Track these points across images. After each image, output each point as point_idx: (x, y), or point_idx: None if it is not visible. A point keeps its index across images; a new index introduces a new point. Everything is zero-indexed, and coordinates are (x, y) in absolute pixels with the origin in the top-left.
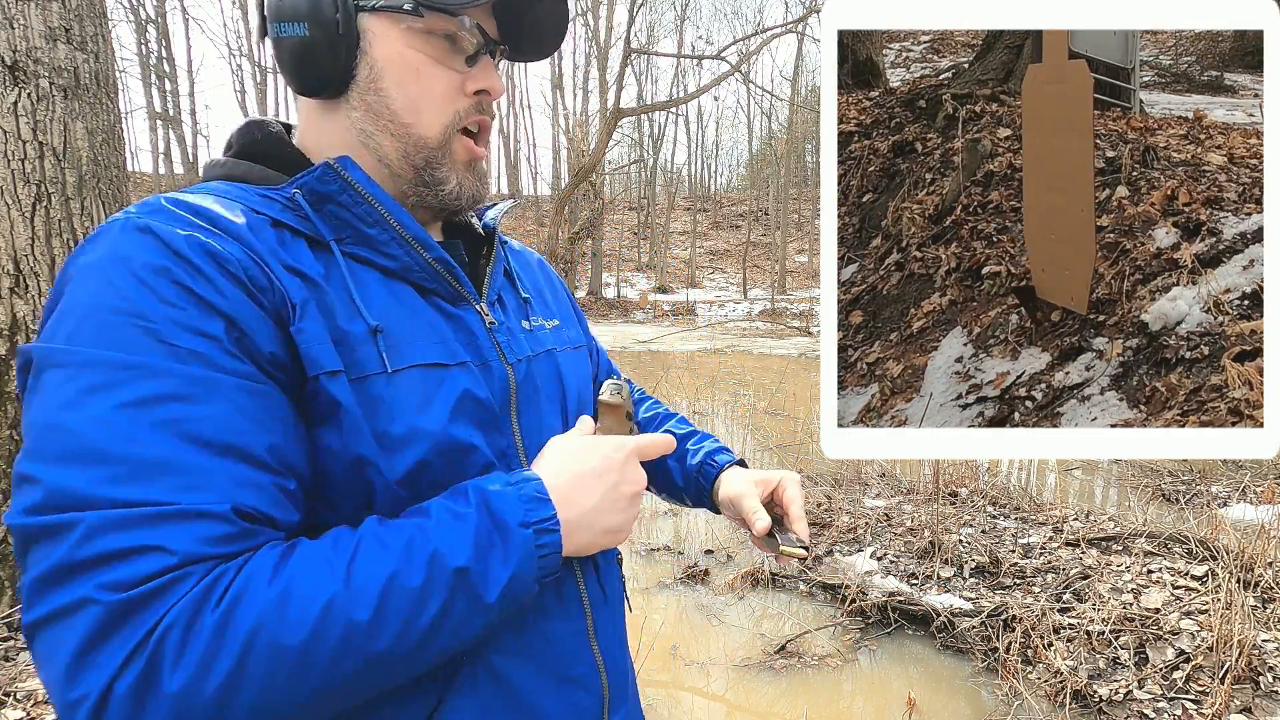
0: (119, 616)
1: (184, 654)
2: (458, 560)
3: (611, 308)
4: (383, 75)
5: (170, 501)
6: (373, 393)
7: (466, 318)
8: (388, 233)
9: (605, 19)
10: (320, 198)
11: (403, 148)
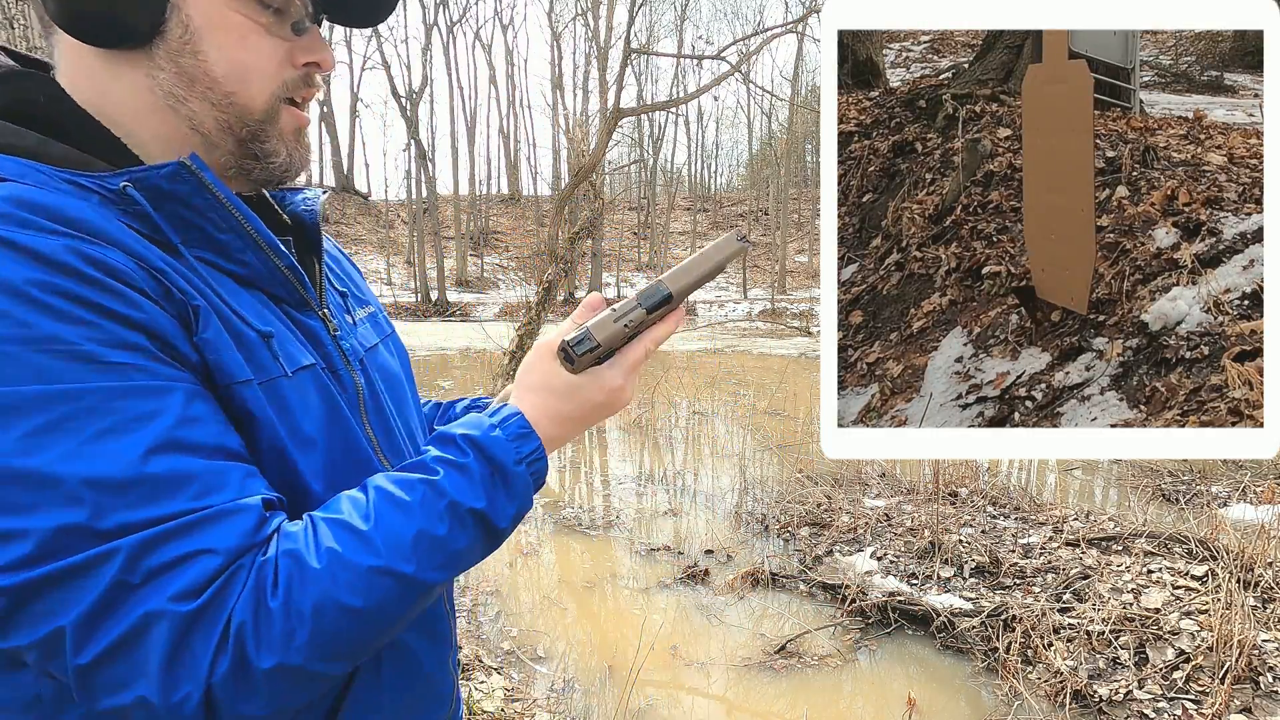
0: (194, 620)
1: (263, 637)
2: (475, 504)
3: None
4: (201, 37)
5: (201, 507)
6: (280, 394)
7: (313, 325)
8: (243, 240)
9: (605, 19)
10: (164, 196)
11: (224, 118)
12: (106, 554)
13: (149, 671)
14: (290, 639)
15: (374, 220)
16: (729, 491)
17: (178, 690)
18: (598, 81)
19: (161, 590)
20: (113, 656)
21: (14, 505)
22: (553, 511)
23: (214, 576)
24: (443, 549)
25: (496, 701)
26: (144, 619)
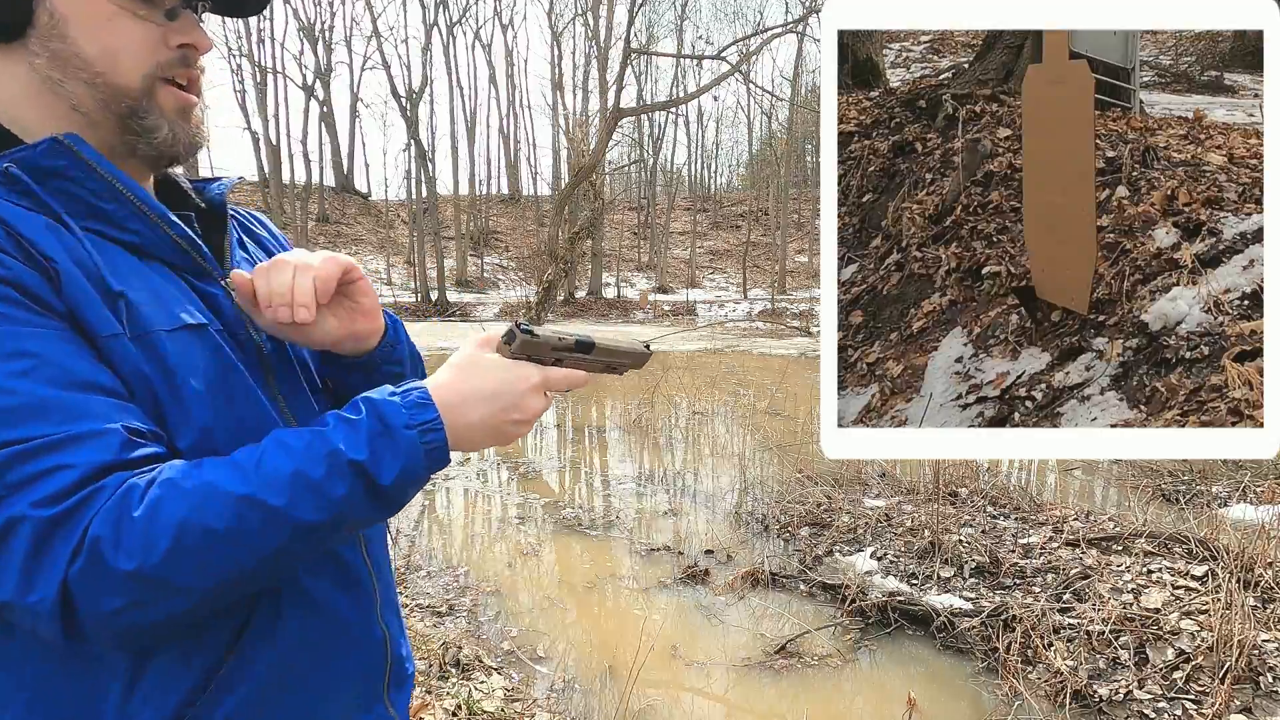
0: (53, 525)
1: (123, 544)
2: (355, 455)
3: (611, 308)
4: (68, 23)
5: (62, 431)
6: (156, 348)
7: (213, 292)
8: (126, 208)
9: (605, 19)
10: (44, 173)
11: (101, 96)
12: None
13: (10, 573)
14: (151, 548)
15: (374, 220)
16: (729, 491)
17: (34, 592)
18: (598, 81)
19: (23, 499)
20: None
21: None
22: (553, 511)
23: (73, 488)
24: (317, 491)
25: (496, 701)
26: (10, 520)
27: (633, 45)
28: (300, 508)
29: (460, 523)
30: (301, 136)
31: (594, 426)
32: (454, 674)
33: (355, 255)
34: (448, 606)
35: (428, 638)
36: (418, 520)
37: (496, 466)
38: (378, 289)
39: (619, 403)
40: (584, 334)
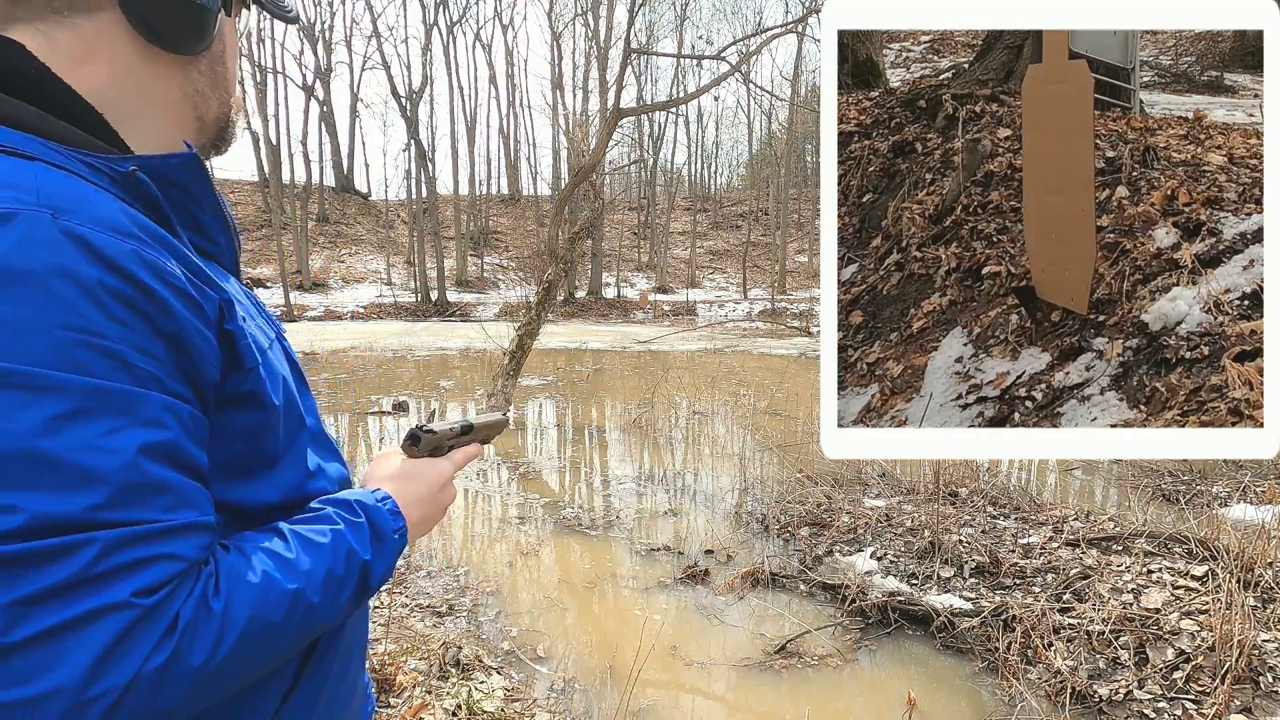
0: (145, 616)
1: (198, 636)
2: (364, 555)
3: (611, 308)
4: (225, 51)
5: (170, 519)
6: (270, 368)
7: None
8: (218, 221)
9: (605, 19)
10: (169, 182)
11: (225, 113)
12: (80, 544)
13: (80, 659)
14: (221, 640)
15: (374, 220)
16: (729, 491)
17: (99, 683)
18: (598, 81)
19: (126, 585)
20: (49, 638)
21: (20, 480)
22: (553, 511)
23: (171, 579)
24: (338, 588)
25: (496, 701)
26: (106, 607)
27: (633, 45)
28: (327, 604)
29: (460, 523)
30: (301, 136)
31: (594, 426)
32: (454, 674)
33: (355, 255)
34: (448, 606)
35: (428, 638)
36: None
37: (496, 467)
38: (377, 289)
39: (619, 403)
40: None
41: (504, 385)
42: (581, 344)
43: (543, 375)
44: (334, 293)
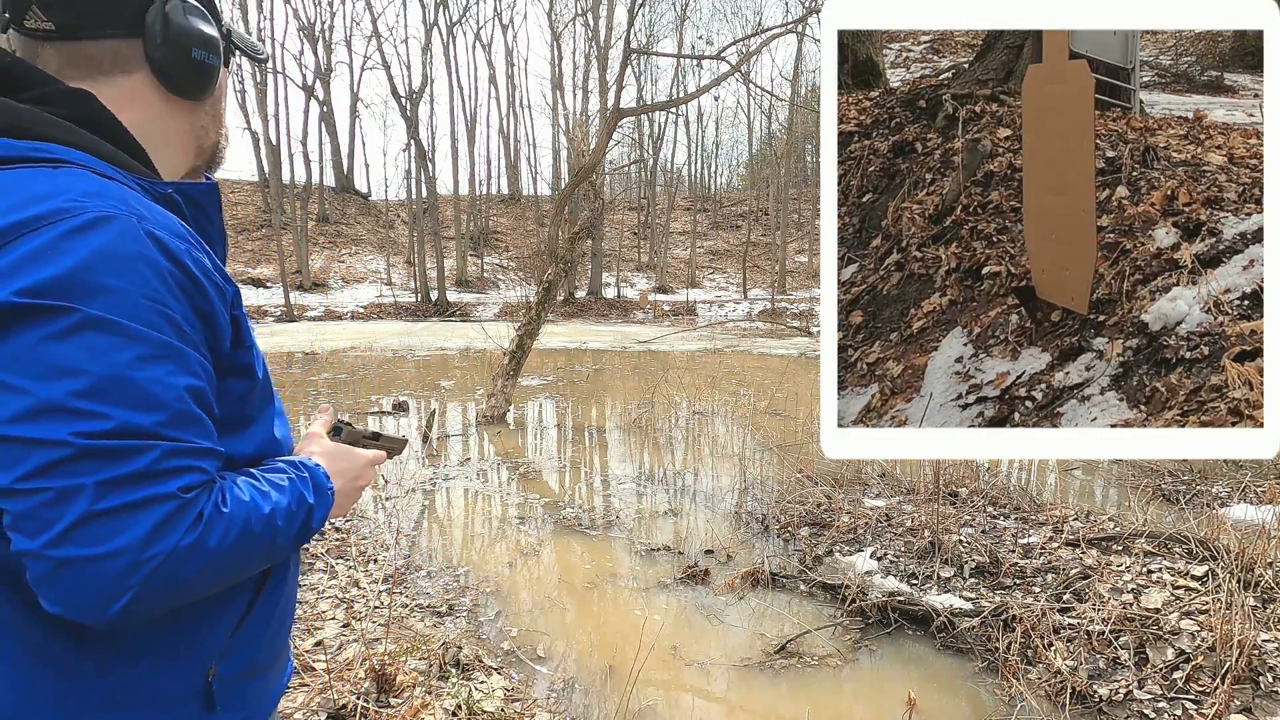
0: (183, 506)
1: (213, 528)
2: (310, 500)
3: (611, 308)
4: (221, 95)
5: (201, 442)
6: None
7: None
8: (220, 236)
9: (605, 19)
10: (195, 204)
11: (217, 140)
12: (148, 447)
13: (133, 530)
14: (226, 534)
15: (374, 220)
16: (729, 491)
17: (152, 548)
18: (598, 81)
19: (175, 481)
20: (118, 514)
21: (113, 399)
22: (553, 511)
23: (201, 484)
24: (291, 520)
25: (496, 701)
26: (159, 496)
27: (633, 45)
28: (286, 530)
29: (460, 523)
30: (301, 136)
31: (594, 426)
32: (454, 674)
33: (355, 255)
34: (448, 606)
35: (428, 638)
36: (418, 520)
37: (497, 467)
38: (377, 289)
39: (619, 403)
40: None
41: (504, 385)
42: (581, 344)
43: (543, 375)
44: (334, 293)
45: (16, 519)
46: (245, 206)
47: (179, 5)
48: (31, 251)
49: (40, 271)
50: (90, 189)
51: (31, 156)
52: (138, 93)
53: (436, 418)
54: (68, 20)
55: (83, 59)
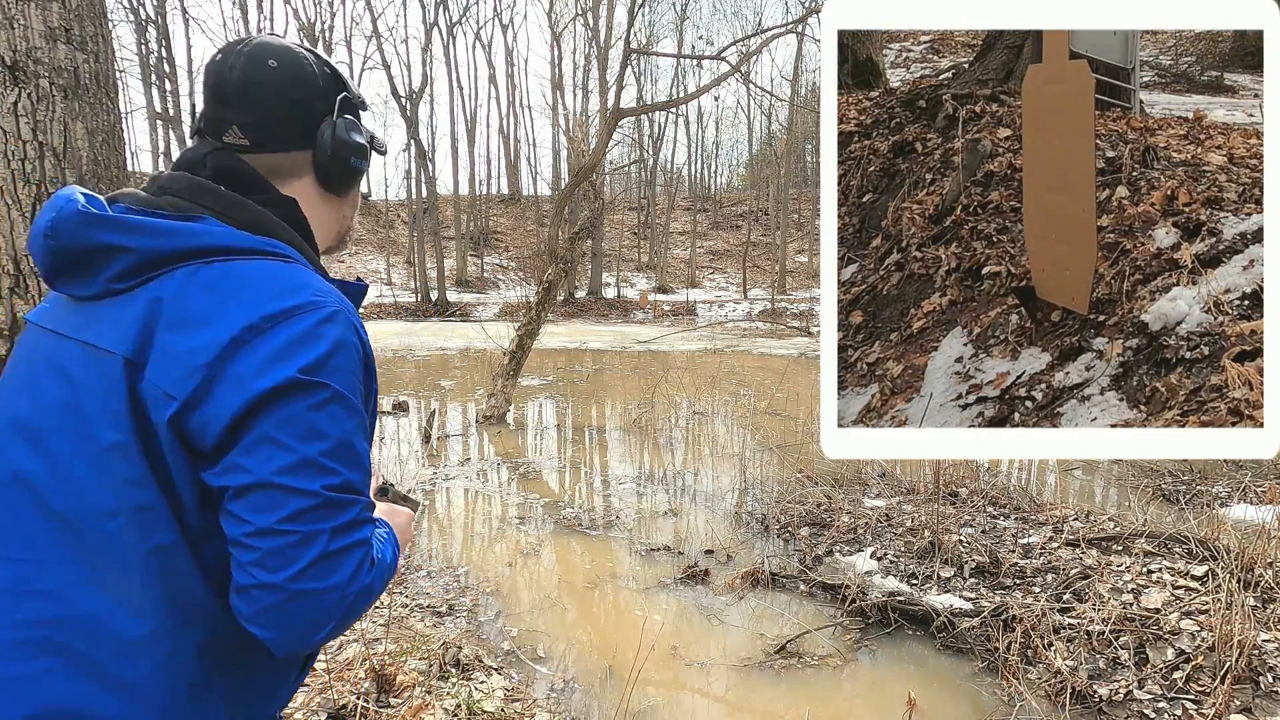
0: (367, 552)
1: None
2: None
3: (611, 308)
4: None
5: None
6: None
7: None
8: None
9: (605, 19)
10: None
11: (350, 225)
12: (355, 501)
13: (345, 569)
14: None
15: (374, 220)
16: (729, 491)
17: (357, 581)
18: (598, 81)
19: (365, 530)
20: (342, 554)
21: (343, 460)
22: (553, 511)
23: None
24: (393, 571)
25: (496, 701)
26: (360, 541)
27: (633, 45)
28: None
29: (460, 523)
30: None
31: (594, 426)
32: (454, 674)
33: (355, 255)
34: (448, 606)
35: (428, 638)
36: (418, 520)
37: (496, 467)
38: (377, 289)
39: (619, 403)
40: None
41: (504, 385)
42: (581, 344)
43: (543, 375)
44: None
45: (264, 556)
46: None
47: (343, 122)
48: (299, 336)
49: (308, 355)
50: (320, 285)
51: (268, 250)
52: (305, 192)
53: (436, 418)
54: (259, 138)
55: (267, 167)
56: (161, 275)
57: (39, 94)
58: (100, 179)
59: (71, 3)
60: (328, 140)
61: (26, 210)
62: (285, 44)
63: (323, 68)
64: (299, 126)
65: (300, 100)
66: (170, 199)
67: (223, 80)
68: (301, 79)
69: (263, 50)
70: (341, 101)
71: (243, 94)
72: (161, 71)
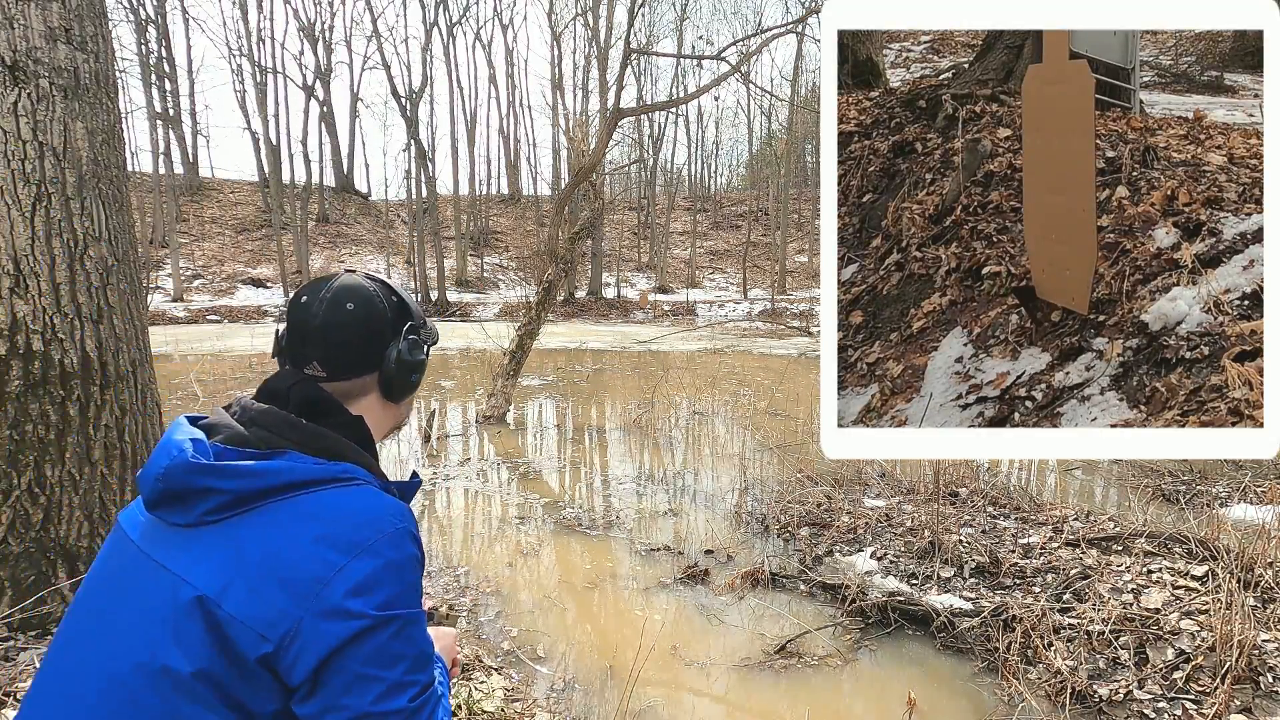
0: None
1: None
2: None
3: (611, 308)
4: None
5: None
6: None
7: None
8: None
9: (605, 19)
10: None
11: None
12: (428, 692)
13: None
14: None
15: (374, 220)
16: (729, 491)
17: None
18: (598, 81)
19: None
20: None
21: (420, 667)
22: (553, 511)
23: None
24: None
25: (496, 701)
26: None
27: (633, 45)
28: None
29: (460, 523)
30: (301, 136)
31: (594, 426)
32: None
33: (355, 255)
34: (448, 606)
35: None
36: (418, 520)
37: (497, 467)
38: None
39: (619, 403)
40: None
41: (504, 385)
42: (581, 344)
43: (543, 375)
44: None
45: None
46: (245, 206)
47: (406, 344)
48: (373, 573)
49: (383, 591)
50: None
51: (342, 477)
52: (370, 405)
53: (436, 417)
54: (335, 370)
55: (341, 391)
56: (250, 511)
57: (39, 94)
58: (100, 179)
59: (71, 3)
60: (392, 362)
61: (26, 210)
62: (360, 283)
63: (390, 299)
64: (370, 357)
65: (372, 335)
66: (259, 431)
67: (306, 322)
68: (373, 316)
69: (342, 295)
70: (407, 329)
71: (324, 336)
72: (161, 71)
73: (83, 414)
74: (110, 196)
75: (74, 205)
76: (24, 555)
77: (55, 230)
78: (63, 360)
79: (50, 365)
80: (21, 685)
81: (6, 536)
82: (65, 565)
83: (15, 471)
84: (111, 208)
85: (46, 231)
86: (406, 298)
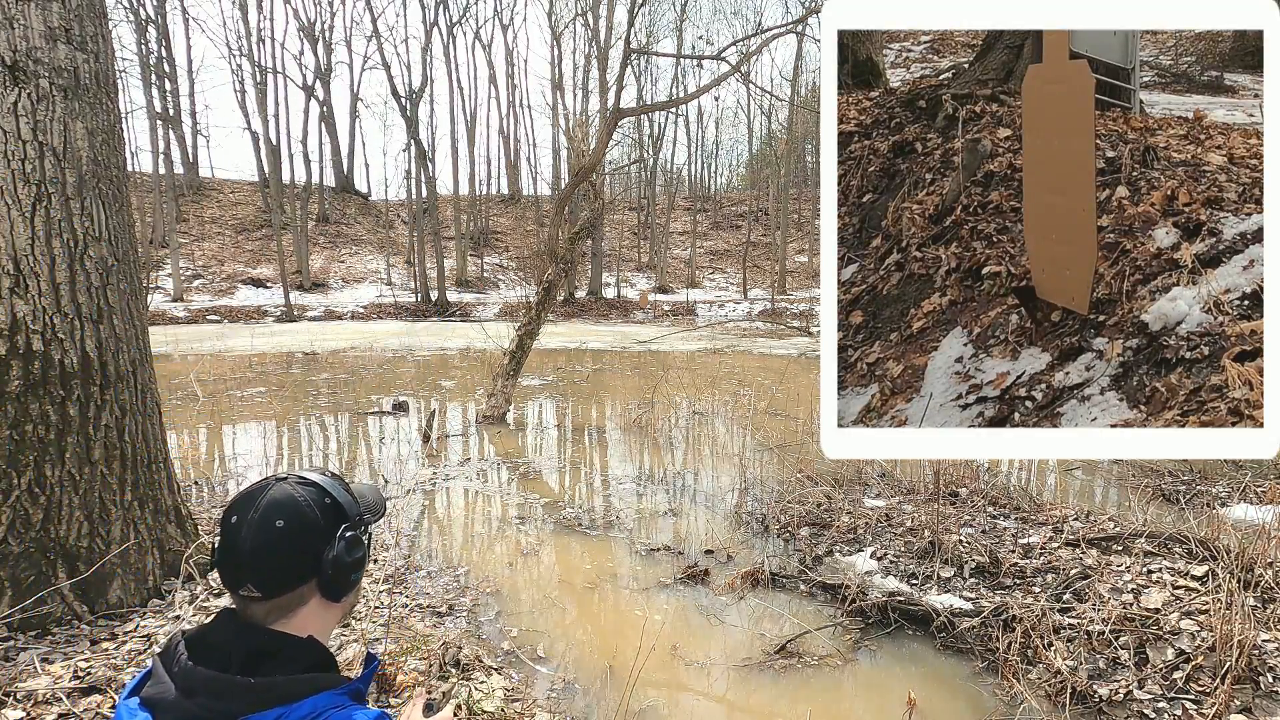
0: None
1: None
2: None
3: (611, 308)
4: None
5: None
6: None
7: None
8: None
9: (605, 19)
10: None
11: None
12: None
13: None
14: None
15: (374, 220)
16: (729, 491)
17: None
18: (598, 81)
19: None
20: None
21: None
22: (553, 511)
23: None
24: None
25: (496, 701)
26: None
27: (633, 45)
28: None
29: (460, 523)
30: (301, 136)
31: (594, 426)
32: (454, 674)
33: (355, 255)
34: (448, 606)
35: (428, 638)
36: (418, 520)
37: (497, 467)
38: (377, 289)
39: (619, 403)
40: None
41: (504, 385)
42: (581, 344)
43: (543, 375)
44: (334, 293)
45: None
46: (245, 206)
47: (344, 545)
48: None
49: None
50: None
51: None
52: (313, 612)
53: (436, 418)
54: (270, 590)
55: (278, 608)
56: None
57: (39, 94)
58: (100, 179)
59: (71, 3)
60: (329, 566)
61: (26, 210)
62: (289, 495)
63: (324, 502)
64: (306, 567)
65: (305, 547)
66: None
67: (237, 547)
68: (305, 529)
69: (271, 512)
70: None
71: (254, 561)
72: (161, 71)
73: (83, 414)
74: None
75: (74, 205)
76: (24, 555)
77: (55, 230)
78: (63, 360)
79: (50, 365)
80: (22, 685)
81: (6, 536)
82: (65, 565)
83: (15, 471)
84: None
85: (46, 231)
86: (339, 496)
